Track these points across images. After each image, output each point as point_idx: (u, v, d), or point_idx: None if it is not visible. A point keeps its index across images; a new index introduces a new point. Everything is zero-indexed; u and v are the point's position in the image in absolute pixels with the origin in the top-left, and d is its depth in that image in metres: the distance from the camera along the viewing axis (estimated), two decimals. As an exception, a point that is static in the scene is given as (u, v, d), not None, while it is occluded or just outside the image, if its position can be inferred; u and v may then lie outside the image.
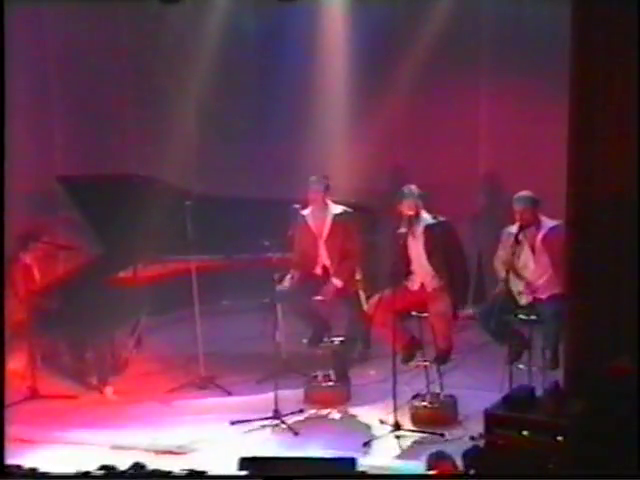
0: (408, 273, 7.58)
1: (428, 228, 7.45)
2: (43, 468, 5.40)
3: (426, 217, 7.50)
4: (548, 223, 7.28)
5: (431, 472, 5.35)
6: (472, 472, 5.39)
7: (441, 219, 7.50)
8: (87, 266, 8.55)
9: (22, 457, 6.10)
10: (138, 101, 10.28)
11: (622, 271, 6.11)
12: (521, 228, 7.27)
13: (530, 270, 7.34)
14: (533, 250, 7.32)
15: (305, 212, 7.94)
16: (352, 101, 10.23)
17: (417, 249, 7.52)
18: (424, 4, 9.80)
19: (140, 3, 9.86)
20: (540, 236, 7.30)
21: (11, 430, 6.21)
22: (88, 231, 8.75)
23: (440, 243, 7.44)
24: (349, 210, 7.95)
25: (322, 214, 7.92)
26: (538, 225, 7.32)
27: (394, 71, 10.00)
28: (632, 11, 5.91)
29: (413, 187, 7.51)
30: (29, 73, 9.23)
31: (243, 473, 5.19)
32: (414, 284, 7.59)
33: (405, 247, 7.47)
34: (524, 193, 7.34)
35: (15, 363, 7.82)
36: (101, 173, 9.01)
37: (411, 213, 7.40)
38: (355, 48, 10.16)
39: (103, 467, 5.08)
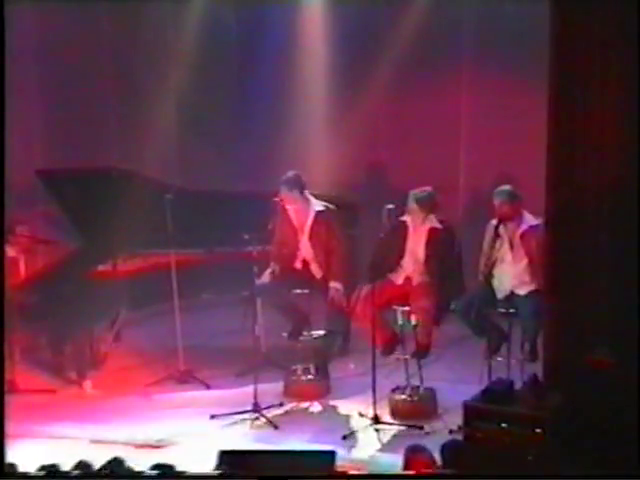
0: (396, 266, 7.59)
1: (432, 231, 7.47)
2: (21, 463, 5.37)
3: (432, 218, 7.50)
4: (530, 220, 7.28)
5: (409, 468, 5.35)
6: (450, 465, 5.40)
7: (446, 224, 7.53)
8: (66, 260, 8.53)
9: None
10: (118, 95, 10.26)
11: (601, 264, 6.14)
12: (500, 222, 7.28)
13: (508, 264, 7.37)
14: (512, 245, 7.35)
15: (288, 206, 7.92)
16: (333, 97, 10.25)
17: (416, 244, 7.53)
18: (405, 1, 9.82)
19: (121, -1, 9.87)
20: (519, 232, 7.31)
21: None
22: (67, 225, 8.72)
23: (441, 249, 7.46)
24: (331, 207, 7.94)
25: (304, 209, 7.90)
26: (519, 221, 7.33)
27: (375, 67, 10.01)
28: (611, 6, 5.94)
29: (423, 193, 7.50)
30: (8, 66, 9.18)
31: (222, 469, 5.18)
32: (399, 277, 7.60)
33: (403, 241, 7.50)
34: (502, 187, 7.37)
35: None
36: (81, 167, 8.97)
37: (418, 219, 7.43)
38: (335, 44, 10.17)
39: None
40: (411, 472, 5.28)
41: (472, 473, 5.47)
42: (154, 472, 4.95)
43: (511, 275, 7.36)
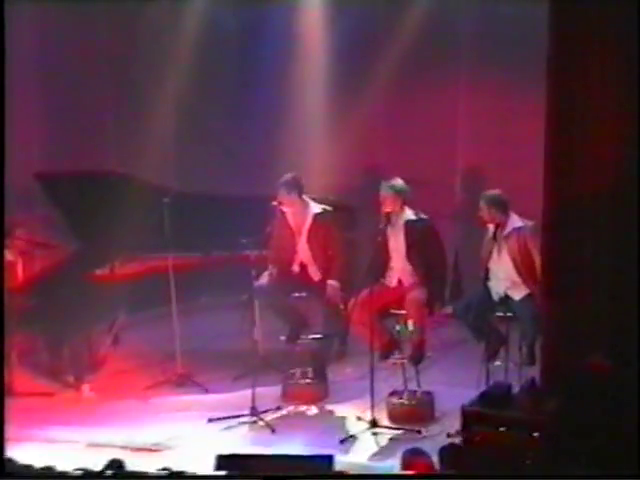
0: (386, 269, 7.59)
1: (408, 224, 7.46)
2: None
3: (408, 213, 7.50)
4: (515, 222, 7.31)
5: (407, 471, 5.34)
6: (449, 469, 5.40)
7: (422, 216, 7.51)
8: (64, 263, 8.50)
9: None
10: (116, 98, 10.26)
11: (598, 268, 6.14)
12: (497, 225, 7.31)
13: (497, 266, 7.36)
14: (499, 247, 7.35)
15: (286, 209, 7.91)
16: (331, 98, 10.25)
17: (396, 244, 7.53)
18: (403, 1, 9.83)
19: (119, 0, 9.85)
20: (503, 234, 7.33)
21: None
22: (65, 228, 8.71)
23: (420, 240, 7.45)
24: (329, 209, 7.93)
25: (302, 212, 7.89)
26: (505, 223, 7.34)
27: (373, 68, 10.02)
28: (608, 6, 5.94)
29: (397, 182, 7.49)
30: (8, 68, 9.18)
31: (220, 471, 5.18)
32: (392, 280, 7.61)
33: (385, 242, 7.49)
34: (486, 191, 7.39)
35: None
36: (79, 170, 8.96)
37: (388, 210, 7.39)
38: (334, 45, 10.18)
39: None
40: (410, 472, 5.27)
41: (470, 477, 5.46)
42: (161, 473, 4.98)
43: (501, 277, 7.37)
